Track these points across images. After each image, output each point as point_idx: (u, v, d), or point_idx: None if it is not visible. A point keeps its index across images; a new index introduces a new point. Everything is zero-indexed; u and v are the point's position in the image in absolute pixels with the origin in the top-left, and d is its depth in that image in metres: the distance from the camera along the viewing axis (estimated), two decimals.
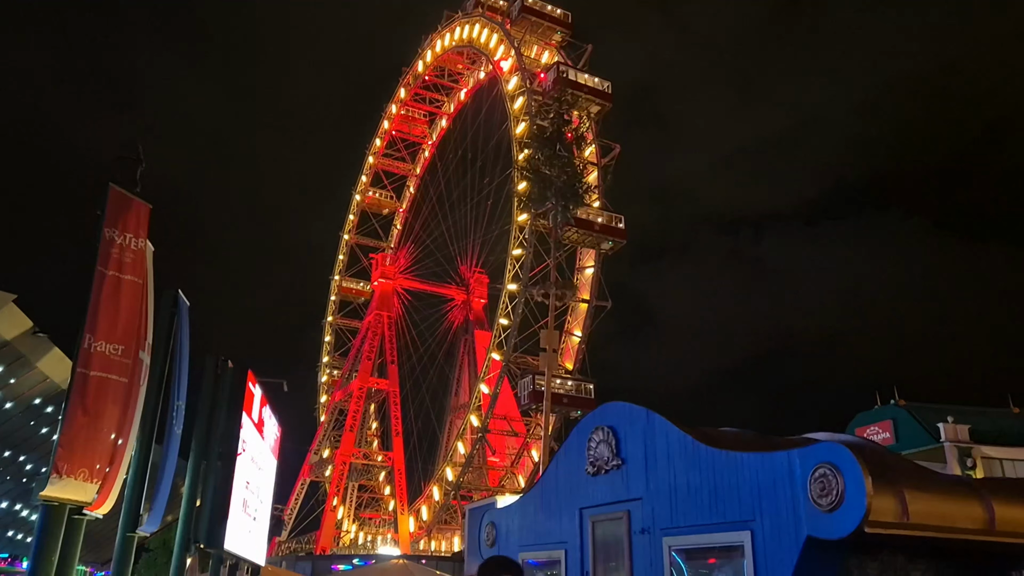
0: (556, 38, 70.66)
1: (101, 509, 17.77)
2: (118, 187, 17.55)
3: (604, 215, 63.92)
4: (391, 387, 74.76)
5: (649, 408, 7.61)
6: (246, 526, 25.87)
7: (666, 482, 7.04)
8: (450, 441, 69.15)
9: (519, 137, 66.10)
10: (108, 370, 16.59)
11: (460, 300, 78.70)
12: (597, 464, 7.98)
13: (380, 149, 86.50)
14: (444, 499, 62.80)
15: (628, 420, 7.73)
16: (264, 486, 31.28)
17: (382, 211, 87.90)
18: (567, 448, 8.69)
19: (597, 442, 8.05)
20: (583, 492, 8.22)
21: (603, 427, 7.97)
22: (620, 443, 7.76)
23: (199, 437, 23.15)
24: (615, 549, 7.55)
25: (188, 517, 21.81)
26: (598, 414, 8.19)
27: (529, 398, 57.10)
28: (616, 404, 7.94)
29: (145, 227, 18.21)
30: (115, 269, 16.83)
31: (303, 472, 74.20)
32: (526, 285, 60.60)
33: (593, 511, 7.98)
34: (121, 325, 16.97)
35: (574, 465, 8.48)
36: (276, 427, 33.85)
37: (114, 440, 16.94)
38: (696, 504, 6.64)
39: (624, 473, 7.62)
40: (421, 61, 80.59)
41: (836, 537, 5.36)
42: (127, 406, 17.64)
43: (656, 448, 7.26)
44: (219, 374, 24.37)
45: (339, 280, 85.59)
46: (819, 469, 5.48)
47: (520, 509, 9.57)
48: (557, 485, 8.78)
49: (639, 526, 7.30)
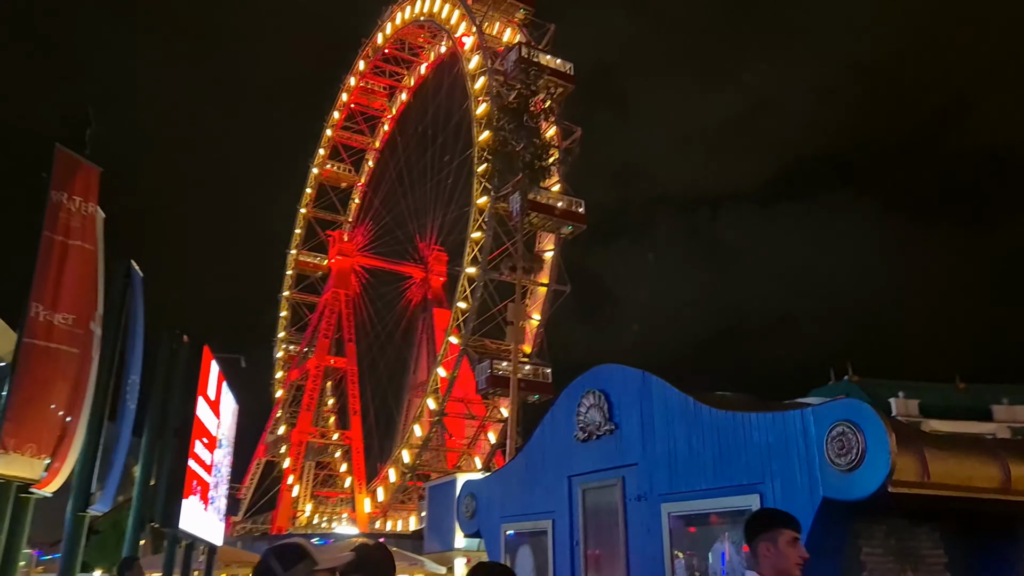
0: (519, 16, 69.83)
1: (50, 487, 16.90)
2: (65, 148, 16.58)
3: (564, 199, 63.53)
4: (349, 365, 74.05)
5: None
6: (202, 505, 25.12)
7: (664, 447, 6.74)
8: (407, 422, 68.75)
9: (480, 117, 65.39)
10: (57, 340, 15.71)
11: (419, 278, 78.04)
12: (588, 430, 7.65)
13: (339, 122, 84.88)
14: (401, 480, 62.51)
15: (622, 383, 7.40)
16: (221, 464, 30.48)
17: (340, 185, 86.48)
18: (554, 414, 8.33)
19: (588, 407, 7.71)
20: (572, 460, 7.89)
21: (594, 391, 7.63)
22: (613, 408, 7.43)
23: (153, 414, 22.38)
24: (607, 517, 7.26)
25: (142, 496, 21.10)
26: (588, 378, 7.83)
27: (487, 382, 56.84)
28: (608, 367, 7.61)
29: (95, 192, 17.25)
30: (63, 234, 15.91)
31: (259, 451, 73.13)
32: (485, 268, 60.20)
33: (583, 479, 7.66)
34: (71, 293, 16.08)
35: (562, 432, 8.14)
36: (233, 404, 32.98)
37: (64, 415, 16.09)
38: (698, 469, 6.35)
39: (617, 438, 7.31)
40: (381, 34, 79.06)
41: (855, 498, 5.12)
42: (79, 379, 16.77)
43: (653, 412, 6.95)
44: (174, 348, 23.55)
45: (296, 254, 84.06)
46: (837, 427, 5.22)
47: (502, 480, 9.22)
48: (543, 453, 8.44)
49: (634, 493, 7.00)
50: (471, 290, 61.21)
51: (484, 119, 64.42)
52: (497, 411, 60.32)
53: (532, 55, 63.98)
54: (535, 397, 57.32)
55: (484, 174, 62.24)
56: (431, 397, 61.76)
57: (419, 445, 61.53)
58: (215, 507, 28.12)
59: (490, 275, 60.40)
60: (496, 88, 63.40)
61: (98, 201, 17.62)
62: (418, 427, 62.53)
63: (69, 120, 16.82)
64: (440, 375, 61.55)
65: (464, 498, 9.51)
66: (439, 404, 60.42)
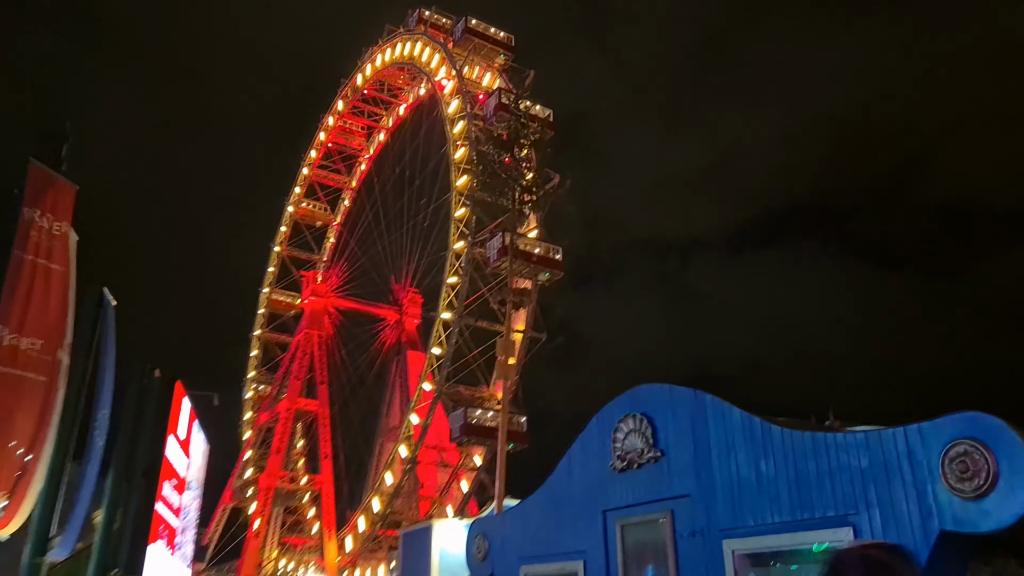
0: (499, 60, 70.14)
1: (5, 530, 15.58)
2: (40, 164, 15.65)
3: (542, 246, 62.80)
4: (320, 408, 72.26)
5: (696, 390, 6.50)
6: (168, 551, 23.56)
7: (725, 474, 5.93)
8: (379, 468, 67.05)
9: (458, 162, 65.01)
10: (23, 367, 14.54)
11: (393, 320, 76.94)
12: (627, 458, 6.83)
13: (316, 160, 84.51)
14: (371, 529, 60.53)
15: (668, 405, 6.61)
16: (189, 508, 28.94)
17: (315, 223, 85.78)
18: (584, 443, 7.49)
19: (626, 433, 6.90)
20: (607, 492, 7.05)
21: (634, 415, 6.83)
22: (657, 432, 6.64)
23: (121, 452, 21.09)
24: (653, 557, 6.40)
25: (105, 541, 19.69)
26: (626, 400, 7.04)
27: (461, 431, 55.44)
28: (650, 387, 6.82)
29: (70, 211, 16.27)
30: (33, 253, 14.88)
31: (225, 496, 70.59)
32: (460, 314, 59.27)
33: (622, 514, 6.82)
34: (39, 317, 14.98)
35: (594, 462, 7.30)
36: (204, 443, 31.49)
37: (25, 451, 14.83)
38: (769, 498, 5.53)
39: (664, 467, 6.50)
40: (361, 74, 79.16)
41: (985, 531, 4.33)
42: (43, 411, 15.54)
43: (709, 435, 6.15)
44: (145, 383, 22.36)
45: (269, 292, 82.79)
46: (957, 446, 4.45)
47: (520, 517, 8.32)
48: (571, 487, 7.58)
49: (687, 528, 6.16)
50: (446, 335, 60.06)
51: (462, 163, 64.23)
52: (471, 459, 59.03)
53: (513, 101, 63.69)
54: (510, 446, 56.14)
55: (462, 219, 62.08)
56: (403, 444, 60.25)
57: (390, 493, 59.72)
58: (181, 553, 26.48)
59: (466, 320, 59.54)
60: (475, 133, 63.43)
61: (72, 222, 16.63)
62: (389, 475, 60.81)
63: (45, 135, 15.85)
64: (413, 422, 60.08)
65: (475, 538, 8.58)
66: (411, 451, 58.84)
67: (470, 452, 58.63)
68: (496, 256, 58.06)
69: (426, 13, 73.73)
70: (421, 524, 44.83)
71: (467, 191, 62.13)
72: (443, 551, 41.21)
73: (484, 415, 56.19)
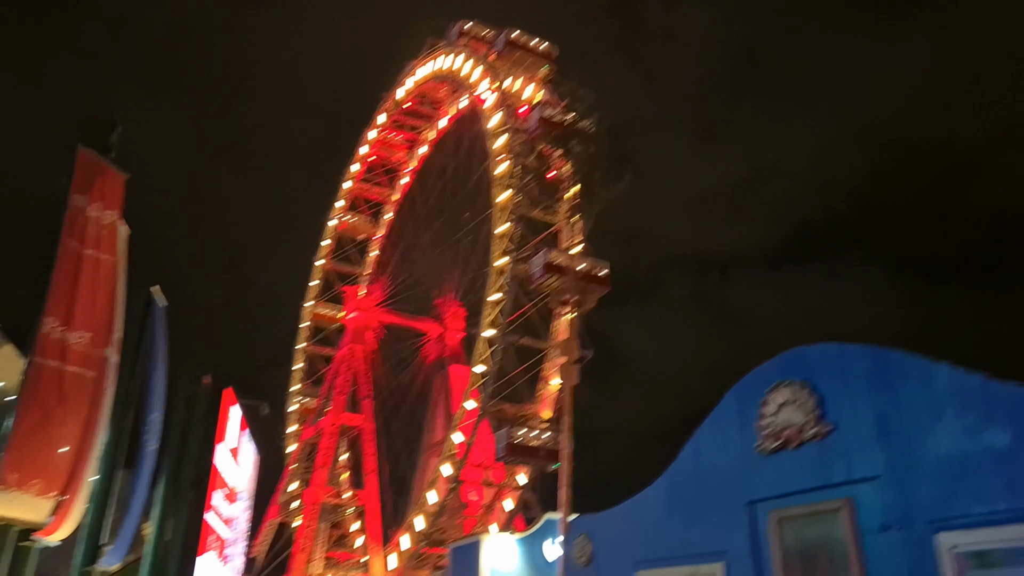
0: (542, 72, 69.36)
1: (57, 534, 14.69)
2: (88, 150, 14.96)
3: (588, 262, 61.29)
4: (365, 423, 71.79)
5: None
6: (219, 563, 22.56)
7: (929, 449, 4.70)
8: (422, 485, 66.33)
9: (500, 177, 64.18)
10: (72, 362, 13.81)
11: (435, 335, 76.45)
12: (781, 436, 5.71)
13: (358, 174, 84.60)
14: (415, 547, 59.67)
15: (836, 368, 5.44)
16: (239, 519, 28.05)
17: (358, 237, 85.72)
18: (717, 423, 6.33)
19: (778, 406, 5.76)
20: (752, 480, 5.89)
21: (790, 384, 5.69)
22: (824, 401, 5.46)
23: (170, 460, 20.28)
24: (826, 557, 5.17)
25: (156, 552, 18.81)
26: (777, 366, 5.88)
27: (506, 451, 54.23)
28: (811, 348, 5.67)
29: (119, 200, 15.63)
30: (81, 242, 14.18)
31: (271, 512, 70.53)
32: (504, 331, 58.23)
33: (776, 504, 5.65)
34: (88, 309, 14.25)
35: (732, 444, 6.14)
36: (253, 454, 30.67)
37: (78, 447, 14.04)
38: (1006, 480, 4.29)
39: (835, 444, 5.29)
40: (402, 88, 79.15)
41: None
42: (92, 409, 14.78)
43: (899, 400, 4.94)
44: (194, 390, 21.60)
45: (312, 306, 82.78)
46: None
47: (634, 514, 7.18)
48: (700, 475, 6.42)
49: (875, 520, 4.92)
50: (490, 353, 59.06)
51: (504, 178, 63.40)
52: (515, 478, 57.98)
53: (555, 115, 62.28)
54: (555, 466, 54.98)
55: (504, 235, 61.20)
56: (447, 462, 59.39)
57: (434, 512, 58.76)
58: (232, 566, 25.59)
59: (509, 338, 58.56)
60: (517, 147, 62.59)
61: (122, 212, 15.90)
62: (433, 493, 59.99)
63: (92, 122, 15.14)
64: (456, 440, 59.14)
65: (576, 540, 7.45)
66: (455, 470, 57.86)
67: (514, 471, 57.58)
68: (540, 273, 56.99)
69: (467, 26, 73.50)
70: (470, 539, 43.70)
71: (509, 206, 61.42)
72: (493, 568, 39.99)
73: (529, 434, 55.22)
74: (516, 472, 57.50)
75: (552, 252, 58.08)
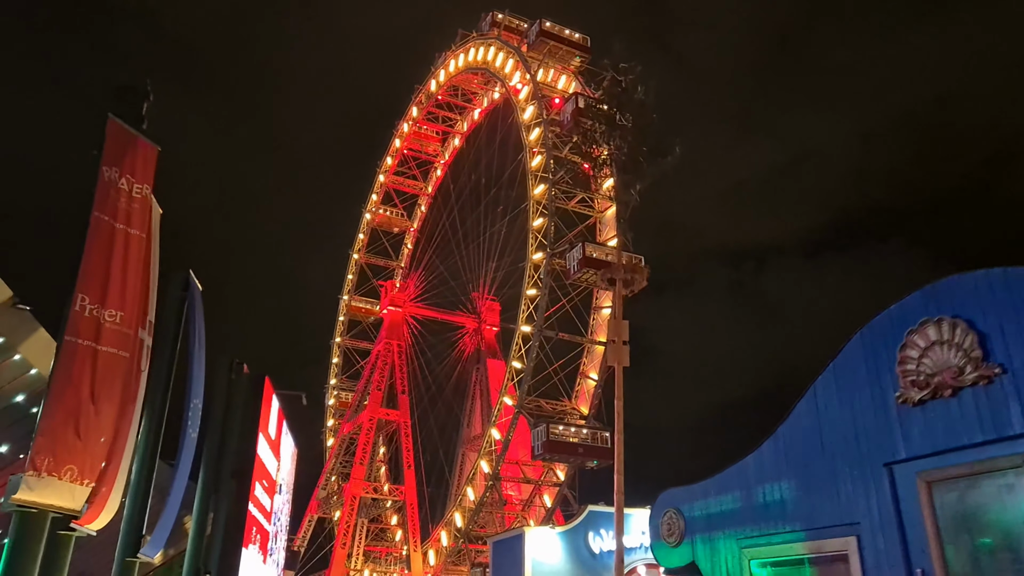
0: (575, 63, 67.96)
1: (95, 523, 14.08)
2: (119, 121, 14.34)
3: (624, 256, 59.90)
4: (402, 418, 71.80)
5: None
6: (261, 557, 21.78)
7: None
8: (461, 481, 65.87)
9: (534, 170, 63.30)
10: (105, 342, 13.22)
11: (471, 328, 76.13)
12: (931, 383, 4.72)
13: (392, 167, 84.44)
14: (454, 543, 59.34)
15: (1001, 299, 4.46)
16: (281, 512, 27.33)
17: (392, 230, 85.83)
18: (841, 371, 5.39)
19: (925, 347, 4.82)
20: (892, 436, 4.94)
21: (940, 321, 4.73)
22: (987, 340, 4.49)
23: (210, 450, 19.60)
24: (997, 528, 4.22)
25: (197, 544, 18.18)
26: (921, 300, 4.93)
27: (543, 448, 53.70)
28: (971, 276, 4.70)
29: (151, 172, 15.01)
30: (113, 217, 13.60)
31: (311, 507, 70.69)
32: (540, 327, 57.38)
33: (925, 465, 4.68)
34: (119, 287, 13.67)
35: (860, 396, 5.21)
36: (293, 446, 29.97)
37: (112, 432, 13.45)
38: None
39: (1004, 388, 4.33)
40: (434, 80, 78.38)
41: None
42: (126, 391, 14.19)
43: None
44: (233, 379, 20.90)
45: (348, 300, 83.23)
46: None
47: (734, 483, 6.26)
48: (819, 434, 5.47)
49: None
50: (526, 349, 58.36)
51: (539, 171, 62.50)
52: (553, 474, 57.32)
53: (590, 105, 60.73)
54: (594, 463, 54.24)
55: (539, 229, 60.36)
56: (485, 459, 58.92)
57: (472, 509, 58.30)
58: (274, 560, 25.03)
59: (546, 333, 57.65)
60: (552, 140, 61.64)
61: (154, 187, 15.26)
62: (471, 490, 59.53)
63: (124, 91, 14.43)
64: (495, 437, 58.50)
65: (665, 515, 6.58)
66: (493, 468, 57.20)
67: (553, 467, 57.36)
68: (577, 267, 56.07)
69: (499, 16, 72.46)
70: (512, 532, 43.07)
71: (544, 200, 60.56)
72: (535, 560, 39.29)
73: (567, 431, 54.53)
74: (555, 468, 56.96)
75: (588, 246, 57.31)
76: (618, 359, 22.56)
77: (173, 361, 16.63)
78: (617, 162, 24.40)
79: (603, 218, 63.44)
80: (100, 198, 13.57)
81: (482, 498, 58.00)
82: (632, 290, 24.71)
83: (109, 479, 13.76)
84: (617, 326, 22.64)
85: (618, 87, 24.13)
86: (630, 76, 24.71)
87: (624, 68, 24.38)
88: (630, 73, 24.72)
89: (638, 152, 24.21)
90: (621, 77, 23.82)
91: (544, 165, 62.10)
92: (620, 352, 22.57)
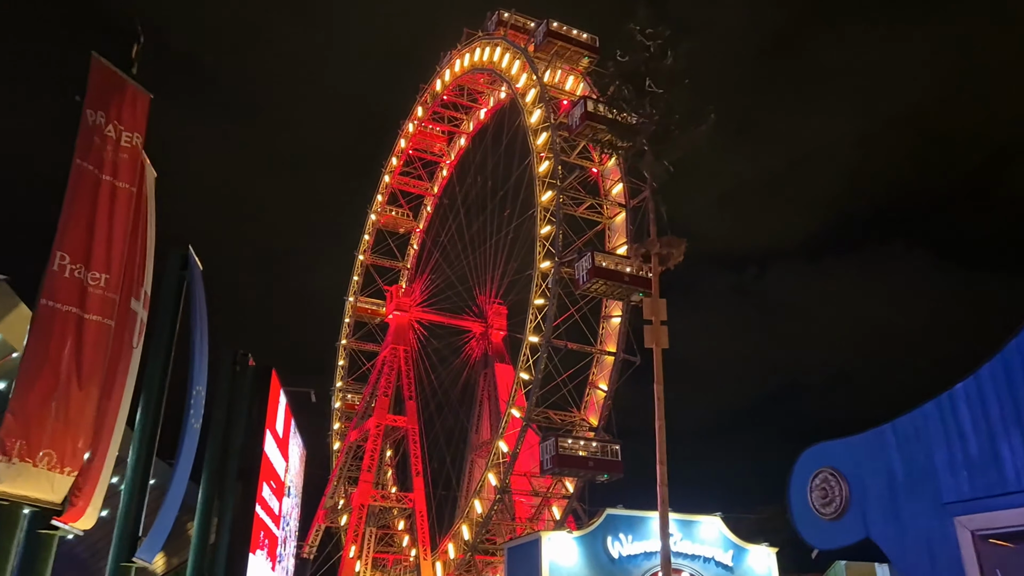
0: (583, 64, 66.35)
1: (81, 522, 12.32)
2: (104, 60, 12.67)
3: (634, 264, 58.49)
4: (409, 424, 70.61)
5: None
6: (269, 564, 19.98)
7: None
8: (469, 486, 64.40)
9: (542, 176, 61.97)
10: (91, 309, 11.53)
11: (478, 332, 75.12)
12: None
13: (397, 168, 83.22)
14: (461, 555, 58.08)
15: None
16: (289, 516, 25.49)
17: (398, 230, 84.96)
18: None
19: None
20: None
21: None
22: None
23: (214, 448, 17.85)
24: None
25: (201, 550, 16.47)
26: None
27: (552, 462, 52.67)
28: None
29: (143, 121, 13.36)
30: (97, 164, 11.96)
31: (319, 516, 69.44)
32: (548, 337, 56.05)
33: None
34: (103, 245, 11.96)
35: None
36: (301, 447, 28.18)
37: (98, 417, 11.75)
38: None
39: None
40: (439, 80, 76.90)
41: None
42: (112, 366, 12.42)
43: None
44: (238, 371, 19.13)
45: (354, 301, 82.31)
46: None
47: (925, 433, 4.69)
48: None
49: None
50: (534, 360, 57.00)
51: (546, 177, 61.09)
52: (562, 486, 55.96)
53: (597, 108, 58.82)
54: (604, 477, 52.73)
55: (547, 237, 58.98)
56: (492, 472, 57.54)
57: (479, 522, 56.89)
58: (283, 567, 23.26)
59: (554, 344, 56.69)
60: (560, 144, 60.23)
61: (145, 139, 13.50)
62: (479, 503, 58.13)
63: (111, 32, 12.64)
64: (503, 449, 57.07)
65: (816, 477, 5.89)
66: (501, 481, 55.75)
67: (562, 479, 56.20)
68: (586, 278, 54.39)
69: (505, 15, 71.00)
70: (529, 537, 41.75)
71: (551, 207, 59.14)
72: (552, 563, 37.84)
73: (576, 444, 53.21)
74: (563, 480, 55.76)
75: (598, 255, 55.56)
76: (656, 340, 21.15)
77: (172, 344, 14.93)
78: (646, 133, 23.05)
79: (612, 224, 62.09)
80: (83, 145, 11.82)
81: (490, 512, 56.60)
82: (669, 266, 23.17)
83: (95, 468, 11.90)
84: (655, 305, 21.17)
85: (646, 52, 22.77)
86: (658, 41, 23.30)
87: (651, 33, 23.01)
88: (658, 38, 23.29)
89: (670, 121, 22.90)
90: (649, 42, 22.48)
91: (552, 171, 60.75)
92: (658, 333, 21.13)
